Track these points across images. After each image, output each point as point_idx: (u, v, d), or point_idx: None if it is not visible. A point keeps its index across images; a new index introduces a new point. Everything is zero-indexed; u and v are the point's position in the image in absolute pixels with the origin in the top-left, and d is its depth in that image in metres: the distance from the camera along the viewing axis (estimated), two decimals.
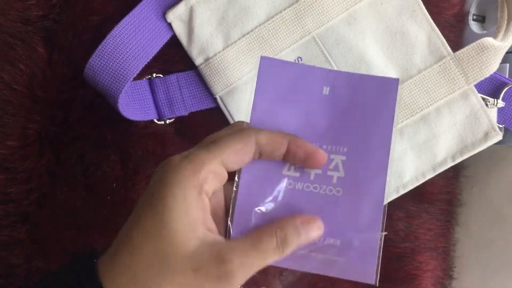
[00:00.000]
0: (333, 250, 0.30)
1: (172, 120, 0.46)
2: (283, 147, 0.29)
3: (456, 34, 0.47)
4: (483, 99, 0.44)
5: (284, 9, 0.42)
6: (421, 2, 0.43)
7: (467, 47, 0.42)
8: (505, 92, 0.44)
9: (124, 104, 0.42)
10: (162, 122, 0.45)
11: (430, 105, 0.43)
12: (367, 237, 0.29)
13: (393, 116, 0.30)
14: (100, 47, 0.40)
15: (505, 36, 0.42)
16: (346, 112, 0.30)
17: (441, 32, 0.43)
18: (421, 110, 0.43)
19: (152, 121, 0.45)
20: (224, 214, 0.31)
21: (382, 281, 0.51)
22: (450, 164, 0.45)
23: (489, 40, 0.42)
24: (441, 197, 0.50)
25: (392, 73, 0.43)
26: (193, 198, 0.27)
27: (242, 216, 0.30)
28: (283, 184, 0.30)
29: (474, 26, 0.48)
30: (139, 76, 0.43)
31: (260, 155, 0.29)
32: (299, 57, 0.44)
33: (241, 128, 0.30)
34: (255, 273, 0.28)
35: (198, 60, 0.44)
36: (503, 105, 0.44)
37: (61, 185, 0.44)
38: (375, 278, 0.30)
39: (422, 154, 0.44)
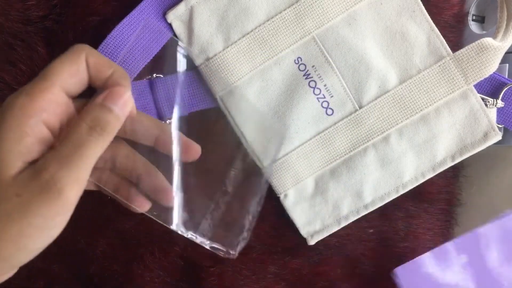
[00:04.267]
0: None
1: None
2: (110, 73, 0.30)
3: (455, 34, 0.47)
4: (483, 99, 0.44)
5: (284, 9, 0.43)
6: (420, 2, 0.43)
7: (466, 47, 0.42)
8: (504, 92, 0.44)
9: None
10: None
11: (430, 105, 0.43)
12: None
13: None
14: (100, 47, 0.41)
15: (504, 36, 0.42)
16: None
17: (440, 32, 0.43)
18: (421, 110, 0.43)
19: None
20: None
21: (382, 281, 0.51)
22: (450, 164, 0.45)
23: (488, 40, 0.42)
24: (441, 197, 0.50)
25: (392, 73, 0.43)
26: (28, 127, 0.27)
27: None
28: None
29: (473, 26, 0.48)
30: (139, 76, 0.43)
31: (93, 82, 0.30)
32: (299, 57, 0.44)
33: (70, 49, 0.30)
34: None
35: (198, 60, 0.44)
36: (502, 105, 0.44)
37: None
38: None
39: (421, 154, 0.44)
